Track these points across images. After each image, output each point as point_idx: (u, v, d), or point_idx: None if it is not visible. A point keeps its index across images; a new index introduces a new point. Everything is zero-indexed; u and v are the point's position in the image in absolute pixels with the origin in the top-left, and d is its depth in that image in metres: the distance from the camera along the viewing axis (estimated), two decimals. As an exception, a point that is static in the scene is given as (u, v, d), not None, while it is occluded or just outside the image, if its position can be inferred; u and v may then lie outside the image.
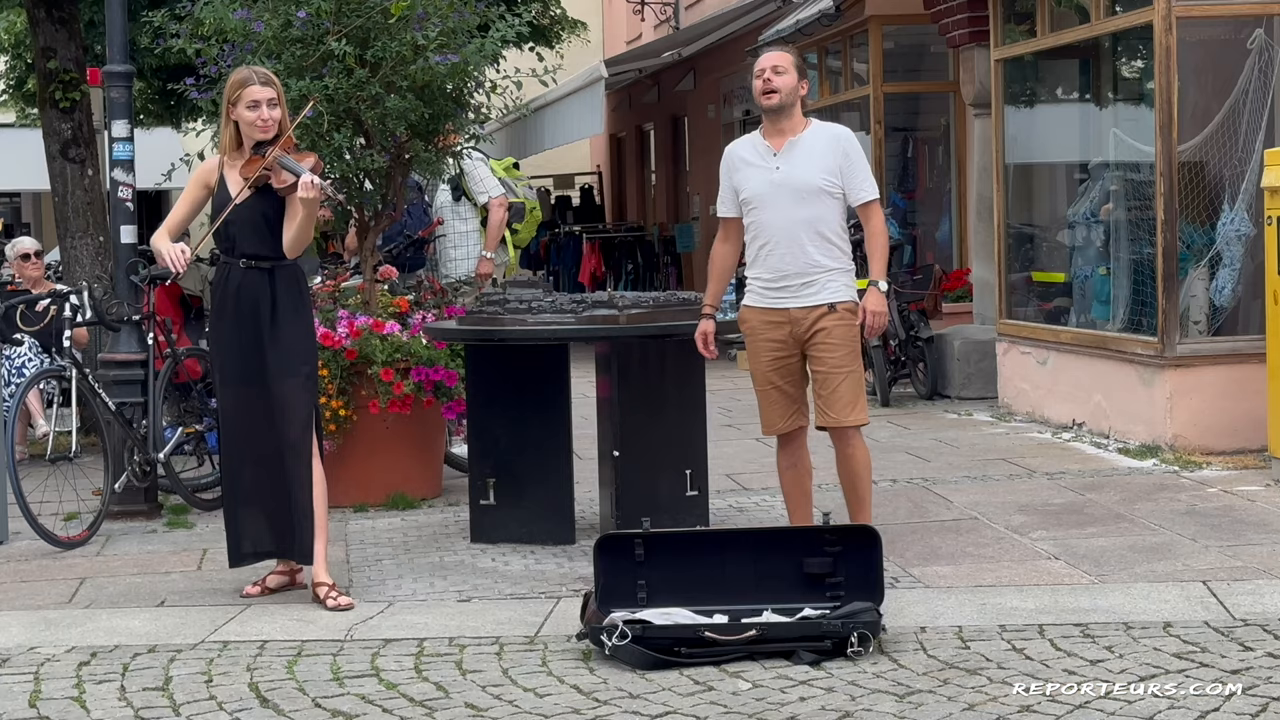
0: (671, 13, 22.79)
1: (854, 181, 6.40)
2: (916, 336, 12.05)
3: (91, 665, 5.59)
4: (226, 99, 6.42)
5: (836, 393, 6.36)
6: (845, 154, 6.41)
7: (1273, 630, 5.55)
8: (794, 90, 6.41)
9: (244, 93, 6.37)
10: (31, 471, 8.51)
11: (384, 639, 5.80)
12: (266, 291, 6.41)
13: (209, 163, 6.57)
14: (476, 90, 8.78)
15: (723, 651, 5.37)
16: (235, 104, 6.38)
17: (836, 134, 6.50)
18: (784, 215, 6.38)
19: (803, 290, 6.39)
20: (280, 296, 6.42)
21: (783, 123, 6.43)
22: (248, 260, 6.41)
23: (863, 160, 6.48)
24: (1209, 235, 9.38)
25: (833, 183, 6.38)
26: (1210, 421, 9.08)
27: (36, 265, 10.95)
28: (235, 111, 6.39)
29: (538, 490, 7.40)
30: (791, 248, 6.37)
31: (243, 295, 6.42)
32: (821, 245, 6.37)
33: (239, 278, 6.43)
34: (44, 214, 26.72)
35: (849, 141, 6.48)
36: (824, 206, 6.37)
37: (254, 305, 6.40)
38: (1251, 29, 9.33)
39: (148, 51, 13.38)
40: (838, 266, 6.40)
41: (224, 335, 6.48)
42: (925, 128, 15.02)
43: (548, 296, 7.37)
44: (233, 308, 6.44)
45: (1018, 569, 6.61)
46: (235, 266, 6.44)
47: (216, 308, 6.55)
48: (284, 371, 6.40)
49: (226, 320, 6.46)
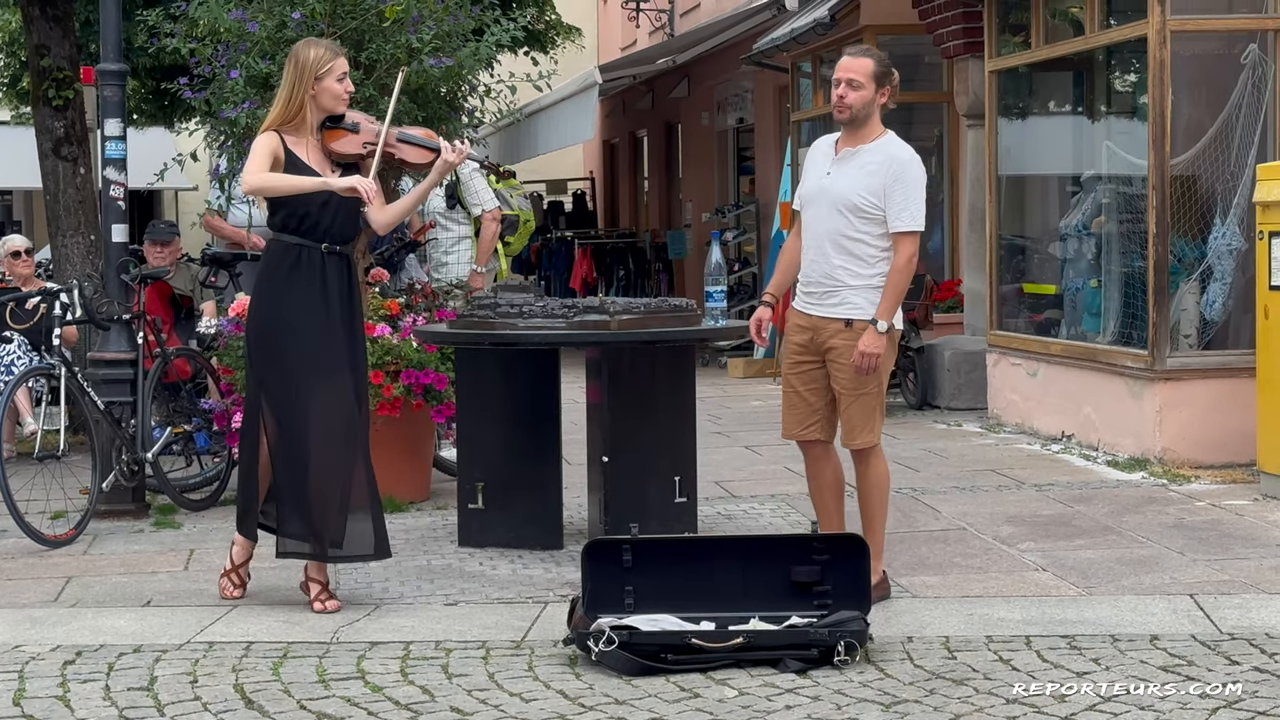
0: (666, 20, 22.81)
1: (894, 208, 6.11)
2: (907, 346, 12.05)
3: (76, 664, 5.57)
4: (310, 71, 6.16)
5: (846, 414, 6.28)
6: (896, 177, 6.11)
7: (1259, 644, 5.55)
8: (868, 104, 6.17)
9: (336, 64, 6.19)
10: (19, 469, 8.50)
11: (370, 642, 5.79)
12: (347, 278, 6.26)
13: (270, 140, 6.19)
14: (470, 94, 8.78)
15: (709, 659, 5.37)
16: (324, 76, 6.17)
17: (894, 155, 6.15)
18: (821, 221, 6.24)
19: (825, 299, 6.26)
20: (355, 284, 6.32)
21: (855, 131, 6.23)
22: (330, 245, 6.19)
23: (912, 188, 6.10)
24: (1200, 249, 9.40)
25: (871, 202, 6.13)
26: (1199, 435, 9.09)
27: (26, 263, 10.93)
28: (322, 85, 6.17)
29: (526, 495, 7.39)
30: (820, 255, 6.25)
31: (329, 281, 6.18)
32: (848, 260, 6.18)
33: (320, 262, 6.17)
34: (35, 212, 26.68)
35: (902, 166, 6.13)
36: (858, 222, 6.16)
37: (340, 292, 6.20)
38: (1245, 44, 9.34)
39: (142, 51, 13.39)
40: (861, 284, 6.17)
41: (301, 322, 6.15)
42: (919, 138, 14.97)
43: (539, 301, 7.36)
44: (319, 294, 6.16)
45: (1005, 580, 6.61)
46: (315, 250, 6.17)
47: (288, 291, 6.18)
48: (361, 359, 6.32)
49: (308, 309, 6.16)
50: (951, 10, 12.10)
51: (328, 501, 6.19)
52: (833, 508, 6.46)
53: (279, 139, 6.21)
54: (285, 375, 6.21)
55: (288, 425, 6.22)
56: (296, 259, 6.21)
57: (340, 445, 6.20)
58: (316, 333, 6.18)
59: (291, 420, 6.21)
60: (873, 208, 6.15)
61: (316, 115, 6.25)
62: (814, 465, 6.47)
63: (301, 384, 6.19)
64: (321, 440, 6.18)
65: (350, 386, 6.24)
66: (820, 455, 6.44)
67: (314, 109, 6.24)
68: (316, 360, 6.18)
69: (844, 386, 6.24)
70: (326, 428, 6.18)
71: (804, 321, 6.35)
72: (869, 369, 6.14)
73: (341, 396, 6.21)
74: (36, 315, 10.15)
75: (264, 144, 6.22)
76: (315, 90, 6.21)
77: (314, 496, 6.19)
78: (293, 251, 6.21)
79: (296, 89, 6.21)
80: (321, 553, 6.23)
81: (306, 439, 6.18)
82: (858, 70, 6.19)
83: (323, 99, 6.23)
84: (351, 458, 6.22)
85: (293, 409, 6.20)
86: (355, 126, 6.32)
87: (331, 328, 6.20)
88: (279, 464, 6.26)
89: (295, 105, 6.22)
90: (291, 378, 6.19)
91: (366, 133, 6.31)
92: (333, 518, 6.20)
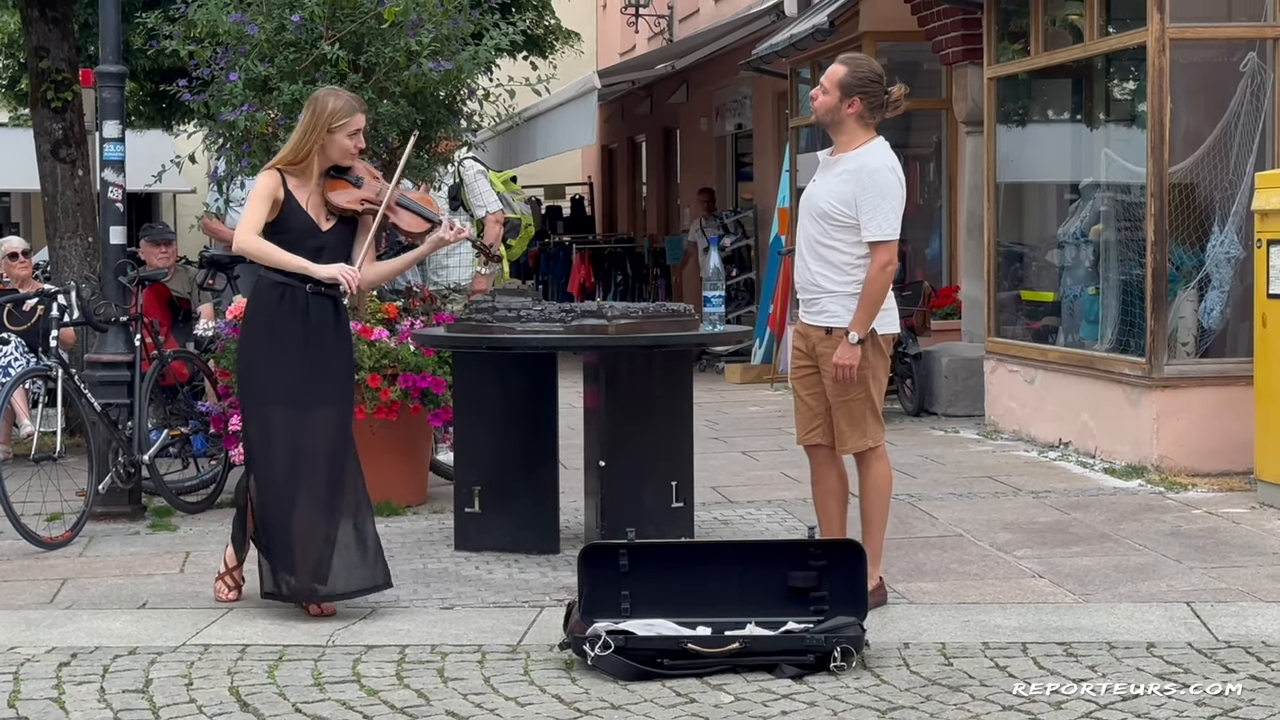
0: (665, 25, 22.82)
1: (864, 217, 6.14)
2: (904, 353, 12.04)
3: (71, 666, 5.56)
4: (324, 122, 6.15)
5: (834, 419, 6.33)
6: (864, 186, 6.13)
7: (1256, 652, 5.55)
8: (832, 110, 6.22)
9: (351, 120, 6.18)
10: (15, 471, 8.48)
11: (366, 645, 5.79)
12: (332, 317, 6.25)
13: (270, 180, 6.20)
14: (469, 98, 8.78)
15: (705, 664, 5.36)
16: (336, 130, 6.17)
17: (865, 164, 6.16)
18: (802, 228, 6.34)
19: (810, 306, 6.33)
20: (343, 323, 6.33)
21: (838, 138, 6.29)
22: (316, 286, 6.19)
23: (880, 198, 6.11)
24: (1198, 257, 9.40)
25: (840, 209, 6.16)
26: (1196, 443, 9.09)
27: (24, 264, 10.93)
28: (332, 137, 6.17)
29: (523, 499, 7.39)
30: (802, 262, 6.33)
31: (311, 320, 6.17)
32: (824, 266, 6.23)
33: (304, 302, 6.17)
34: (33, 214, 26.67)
35: (870, 175, 6.13)
36: (830, 229, 6.20)
37: (320, 331, 6.20)
38: (1244, 52, 9.35)
39: (140, 53, 13.39)
40: (838, 290, 6.21)
41: (282, 359, 6.16)
42: (917, 144, 15.03)
43: (536, 305, 7.36)
44: (299, 333, 6.16)
45: (1002, 587, 6.61)
46: (300, 290, 6.17)
47: (270, 330, 6.20)
48: (344, 396, 6.31)
49: (290, 345, 6.16)
50: (951, 17, 12.11)
51: (309, 540, 6.14)
52: (834, 514, 6.46)
53: (280, 179, 6.22)
54: (266, 413, 6.21)
55: (267, 463, 6.21)
56: (280, 296, 6.21)
57: (324, 483, 6.17)
58: (291, 369, 6.16)
59: (271, 458, 6.19)
60: (842, 215, 6.18)
61: (323, 163, 6.26)
62: (818, 470, 6.49)
63: (281, 421, 6.17)
64: (304, 479, 6.16)
65: (333, 421, 6.21)
66: (824, 460, 6.45)
67: (321, 158, 6.24)
68: (296, 398, 6.16)
69: (829, 392, 6.30)
70: (309, 466, 6.16)
71: (800, 328, 6.46)
72: (846, 379, 6.17)
73: (325, 431, 6.18)
74: (34, 317, 10.15)
75: (265, 185, 6.23)
76: (325, 141, 6.21)
77: (298, 536, 6.15)
78: (277, 290, 6.22)
79: (309, 135, 6.21)
80: (310, 592, 6.19)
81: (286, 477, 6.17)
82: (828, 76, 6.29)
83: (331, 150, 6.23)
84: (336, 495, 6.18)
85: (273, 447, 6.19)
86: (359, 182, 6.30)
87: (309, 367, 6.17)
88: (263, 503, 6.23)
89: (304, 150, 6.21)
90: (273, 415, 6.19)
91: (368, 189, 6.30)
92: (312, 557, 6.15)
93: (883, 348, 6.27)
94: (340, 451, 6.23)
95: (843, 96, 6.23)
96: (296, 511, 6.15)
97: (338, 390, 6.28)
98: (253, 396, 6.28)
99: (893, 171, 6.21)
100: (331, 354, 6.26)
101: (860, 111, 6.24)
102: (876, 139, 6.30)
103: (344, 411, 6.32)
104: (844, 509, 6.49)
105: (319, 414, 6.19)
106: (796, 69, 15.23)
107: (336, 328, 6.29)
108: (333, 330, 6.27)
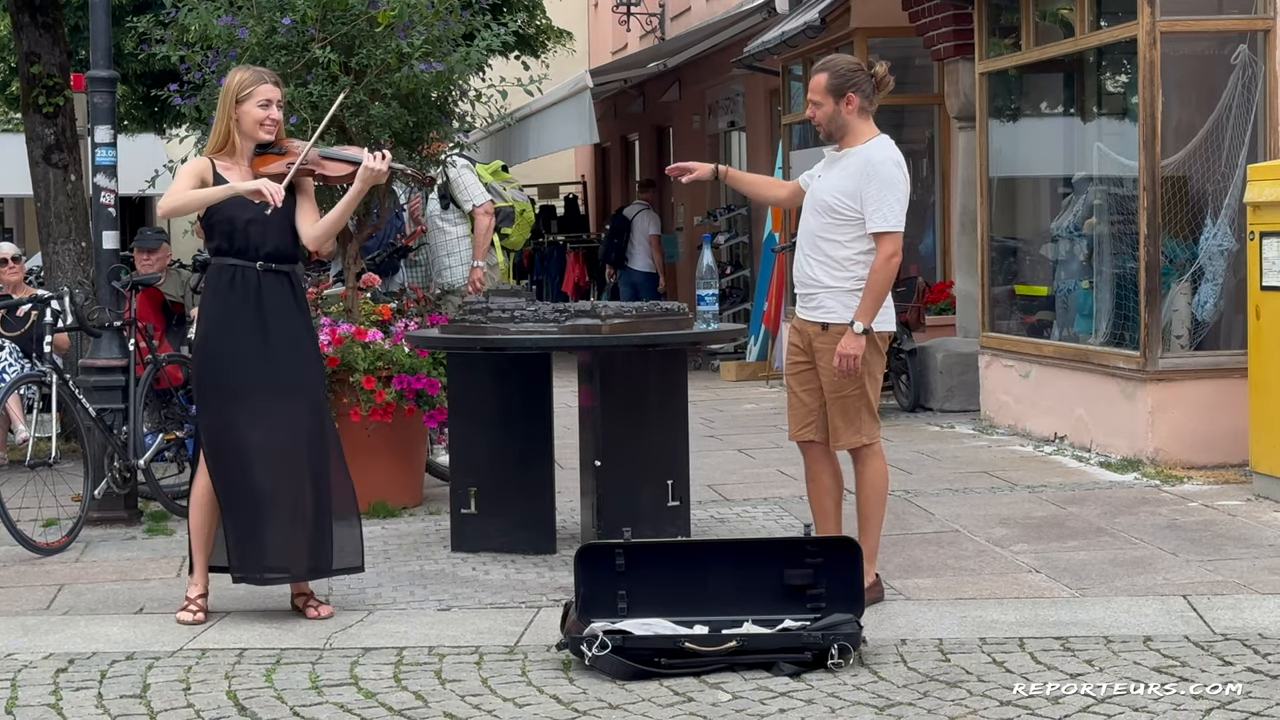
0: (657, 23, 22.81)
1: (868, 209, 6.15)
2: (899, 349, 12.05)
3: (69, 672, 5.56)
4: (232, 95, 6.17)
5: (829, 416, 6.33)
6: (868, 178, 6.15)
7: (1252, 645, 5.55)
8: (833, 117, 6.25)
9: (257, 90, 6.17)
10: (11, 477, 8.49)
11: (363, 647, 5.79)
12: (288, 296, 6.20)
13: (198, 163, 6.22)
14: (461, 99, 8.78)
15: (703, 662, 5.36)
16: (244, 100, 6.16)
17: (870, 157, 6.20)
18: (805, 222, 6.36)
19: (807, 302, 6.35)
20: (300, 301, 6.27)
21: (842, 138, 6.30)
22: (266, 263, 6.15)
23: (884, 189, 6.13)
24: (1191, 250, 9.40)
25: (844, 203, 6.18)
26: (1192, 436, 9.10)
27: (16, 270, 10.92)
28: (242, 109, 6.17)
29: (519, 499, 7.39)
30: (803, 256, 6.35)
31: (265, 300, 6.13)
32: (825, 261, 6.24)
33: (257, 281, 6.13)
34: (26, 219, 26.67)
35: (875, 167, 6.16)
36: (835, 224, 6.21)
37: (277, 310, 6.14)
38: (1235, 45, 9.35)
39: (132, 57, 13.38)
40: (835, 286, 6.22)
41: (242, 343, 6.11)
42: (909, 140, 15.02)
43: (530, 305, 7.36)
44: (253, 314, 6.11)
45: (998, 581, 6.61)
46: (250, 270, 6.13)
47: (223, 314, 6.15)
48: (315, 379, 6.27)
49: (246, 328, 6.11)
50: (942, 12, 12.11)
51: (289, 524, 6.15)
52: (830, 511, 6.46)
53: (209, 164, 6.21)
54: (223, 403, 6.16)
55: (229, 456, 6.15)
56: (231, 279, 6.17)
57: (296, 466, 6.14)
58: (252, 353, 6.12)
59: (233, 450, 6.14)
60: (846, 209, 6.20)
61: (245, 141, 6.24)
62: (812, 467, 6.49)
63: (236, 407, 6.12)
64: (272, 466, 6.13)
65: (303, 406, 6.18)
66: (818, 457, 6.46)
67: (240, 134, 6.23)
68: (243, 381, 6.12)
69: (825, 389, 6.30)
70: (277, 452, 6.13)
71: (797, 324, 6.47)
72: (849, 371, 6.17)
73: (292, 417, 6.14)
74: (28, 322, 10.13)
75: (190, 168, 6.25)
76: (237, 114, 6.20)
77: (272, 522, 6.15)
78: (228, 272, 6.18)
79: (223, 113, 6.24)
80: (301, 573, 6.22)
81: (253, 466, 6.13)
82: (814, 89, 6.31)
83: (244, 123, 6.21)
84: (315, 473, 6.17)
85: (234, 437, 6.13)
86: (283, 150, 6.30)
87: (270, 351, 6.13)
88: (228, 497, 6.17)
89: (223, 129, 6.24)
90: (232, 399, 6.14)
91: (291, 153, 6.29)
92: (300, 538, 6.17)
93: (879, 345, 6.28)
94: (315, 433, 6.18)
95: (836, 99, 6.26)
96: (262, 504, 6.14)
97: (305, 372, 6.21)
98: (212, 387, 6.20)
99: (897, 165, 6.24)
100: (293, 335, 6.19)
101: (859, 105, 6.27)
102: (880, 135, 6.34)
103: (314, 392, 6.25)
104: (839, 507, 6.49)
105: (283, 400, 6.13)
106: (788, 66, 15.23)
107: (294, 308, 6.21)
108: (291, 310, 6.19)
